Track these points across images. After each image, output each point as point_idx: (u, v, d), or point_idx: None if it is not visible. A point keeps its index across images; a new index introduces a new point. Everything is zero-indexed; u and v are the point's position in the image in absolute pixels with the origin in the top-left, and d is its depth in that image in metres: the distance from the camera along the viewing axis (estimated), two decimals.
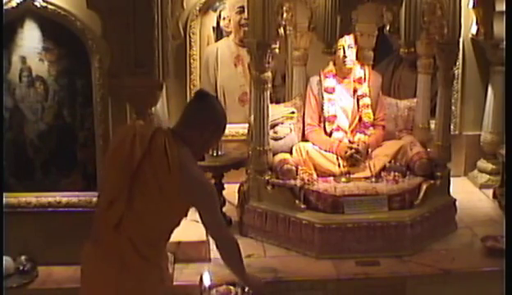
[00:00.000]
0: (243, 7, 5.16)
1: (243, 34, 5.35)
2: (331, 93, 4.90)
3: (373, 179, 4.66)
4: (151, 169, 2.91)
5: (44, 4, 3.95)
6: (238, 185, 4.93)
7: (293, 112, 4.90)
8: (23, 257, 4.12)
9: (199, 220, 3.17)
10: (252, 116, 4.71)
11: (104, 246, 2.98)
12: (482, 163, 5.74)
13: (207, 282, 3.62)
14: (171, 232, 3.10)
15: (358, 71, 4.94)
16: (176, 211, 3.01)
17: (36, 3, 3.95)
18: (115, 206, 2.92)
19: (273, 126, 4.78)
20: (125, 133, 3.05)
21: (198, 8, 5.35)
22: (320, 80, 4.93)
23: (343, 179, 4.66)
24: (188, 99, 5.47)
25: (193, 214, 4.78)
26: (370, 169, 4.71)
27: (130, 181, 2.91)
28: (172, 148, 2.92)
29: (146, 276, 2.97)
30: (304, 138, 4.93)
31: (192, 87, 5.47)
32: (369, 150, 4.79)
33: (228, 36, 5.50)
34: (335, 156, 4.75)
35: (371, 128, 4.91)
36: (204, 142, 3.10)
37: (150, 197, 2.92)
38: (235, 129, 5.51)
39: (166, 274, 3.19)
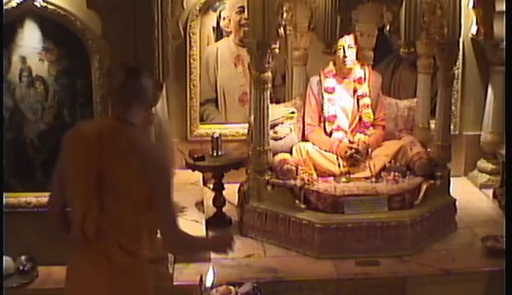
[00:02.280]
0: (243, 7, 5.16)
1: (243, 34, 5.35)
2: (331, 92, 4.90)
3: (373, 179, 4.66)
4: (109, 164, 2.87)
5: (44, 4, 3.95)
6: (238, 185, 4.93)
7: (293, 112, 4.90)
8: (23, 257, 4.12)
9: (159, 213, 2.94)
10: (252, 116, 4.71)
11: (90, 253, 2.95)
12: (482, 163, 5.74)
13: (207, 282, 3.62)
14: (149, 220, 3.01)
15: (358, 71, 4.94)
16: (143, 196, 2.90)
17: (36, 3, 3.94)
18: (89, 217, 2.88)
19: (273, 126, 4.78)
20: (73, 140, 2.96)
21: (198, 8, 5.35)
22: (320, 80, 4.93)
23: (343, 179, 4.66)
24: (188, 99, 5.48)
25: (193, 214, 4.80)
26: (370, 169, 4.71)
27: (96, 186, 2.86)
28: (121, 135, 2.88)
29: (137, 272, 2.96)
30: (304, 138, 4.93)
31: (192, 87, 5.47)
32: (369, 150, 4.79)
33: (228, 36, 5.50)
34: (335, 156, 4.75)
35: (371, 128, 4.91)
36: (144, 117, 3.01)
37: (117, 193, 2.88)
38: (235, 129, 5.53)
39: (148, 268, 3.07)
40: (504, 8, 4.92)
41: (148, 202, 2.93)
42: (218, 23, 5.46)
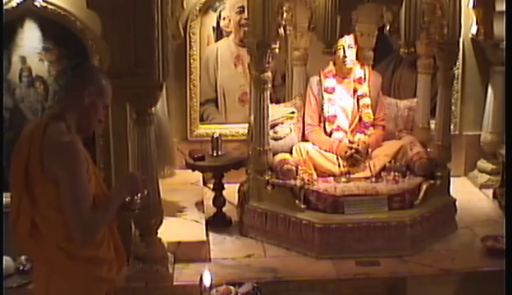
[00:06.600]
0: (243, 7, 5.17)
1: (243, 34, 5.36)
2: (331, 93, 4.90)
3: (373, 179, 4.66)
4: (30, 162, 2.82)
5: (44, 4, 3.95)
6: (238, 185, 4.93)
7: (293, 112, 4.90)
8: (23, 257, 4.11)
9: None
10: (252, 116, 4.71)
11: (30, 252, 2.99)
12: (482, 163, 5.74)
13: (207, 282, 3.62)
14: None
15: (358, 71, 4.93)
16: (53, 192, 2.80)
17: (36, 3, 3.95)
18: (20, 216, 2.84)
19: (273, 126, 4.78)
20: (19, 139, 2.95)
21: (198, 8, 5.36)
22: (320, 80, 4.92)
23: (343, 179, 4.66)
24: (188, 99, 5.49)
25: (193, 214, 4.80)
26: (370, 169, 4.71)
27: (25, 185, 2.82)
28: (42, 131, 2.81)
29: (75, 275, 2.88)
30: (304, 138, 4.93)
31: (192, 87, 5.47)
32: (369, 150, 4.79)
33: (228, 36, 5.50)
34: (335, 156, 4.75)
35: (371, 128, 4.91)
36: (88, 111, 2.90)
37: (39, 191, 2.81)
38: (235, 129, 5.54)
39: (105, 271, 2.94)
40: (504, 8, 4.91)
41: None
42: (218, 23, 5.47)
